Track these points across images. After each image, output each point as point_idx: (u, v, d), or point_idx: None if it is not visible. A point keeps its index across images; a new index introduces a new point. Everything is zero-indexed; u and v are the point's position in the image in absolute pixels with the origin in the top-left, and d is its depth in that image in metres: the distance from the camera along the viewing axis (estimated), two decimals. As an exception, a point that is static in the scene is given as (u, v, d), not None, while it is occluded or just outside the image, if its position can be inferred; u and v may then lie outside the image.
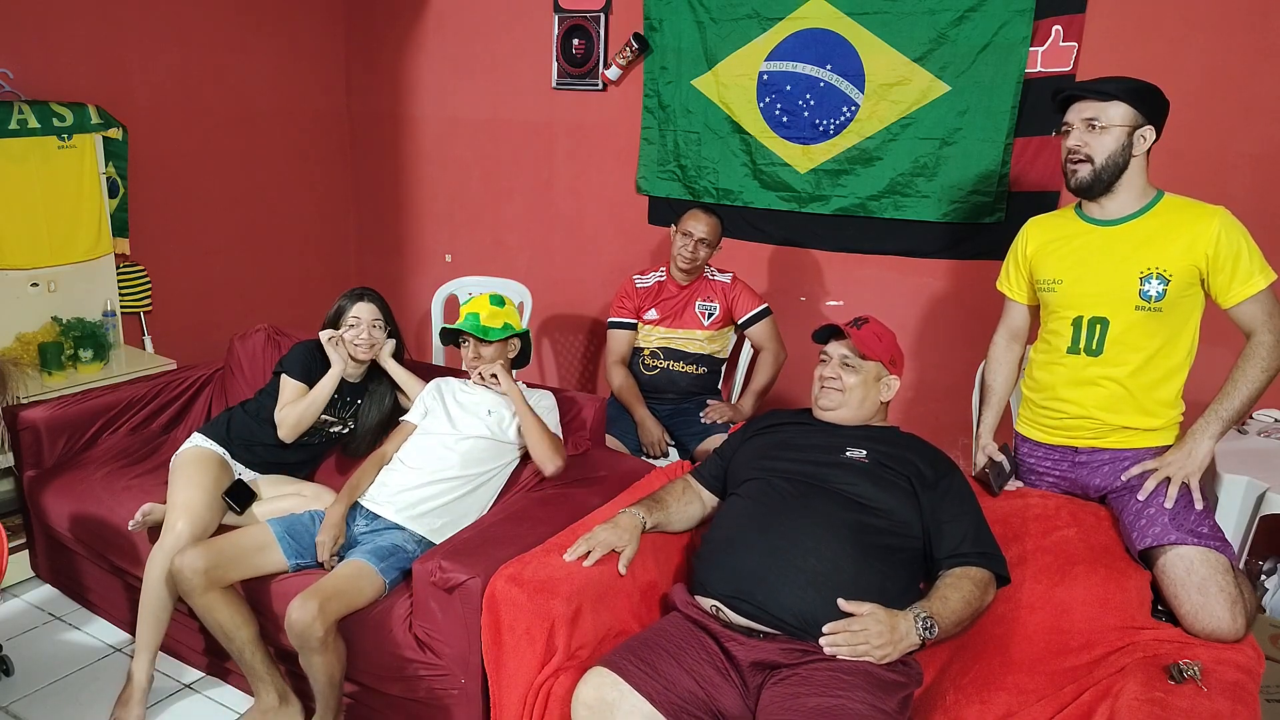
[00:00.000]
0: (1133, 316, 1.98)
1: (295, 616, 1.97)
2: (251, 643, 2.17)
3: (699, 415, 3.06)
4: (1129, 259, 1.97)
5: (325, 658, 2.02)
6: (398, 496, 2.32)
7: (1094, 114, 1.94)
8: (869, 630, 1.67)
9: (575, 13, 3.73)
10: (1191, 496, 1.90)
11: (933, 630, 1.70)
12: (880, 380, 2.05)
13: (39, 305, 3.25)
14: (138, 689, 2.24)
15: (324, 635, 1.98)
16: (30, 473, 2.76)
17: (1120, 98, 1.93)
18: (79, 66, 3.39)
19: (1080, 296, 2.04)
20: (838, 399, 2.04)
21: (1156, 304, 1.95)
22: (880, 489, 1.88)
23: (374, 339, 2.58)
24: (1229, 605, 1.76)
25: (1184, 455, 1.93)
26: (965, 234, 3.15)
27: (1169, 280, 1.93)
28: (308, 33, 4.24)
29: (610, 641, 1.87)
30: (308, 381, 2.55)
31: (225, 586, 2.14)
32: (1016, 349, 2.32)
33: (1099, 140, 1.94)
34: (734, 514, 1.96)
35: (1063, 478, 2.15)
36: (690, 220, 3.03)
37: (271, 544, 2.23)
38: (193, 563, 2.09)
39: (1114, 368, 2.02)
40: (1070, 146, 1.98)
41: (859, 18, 3.15)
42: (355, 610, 2.08)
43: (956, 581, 1.79)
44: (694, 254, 3.02)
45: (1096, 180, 1.97)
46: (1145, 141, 1.95)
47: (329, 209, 4.51)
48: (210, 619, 2.13)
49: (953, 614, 1.74)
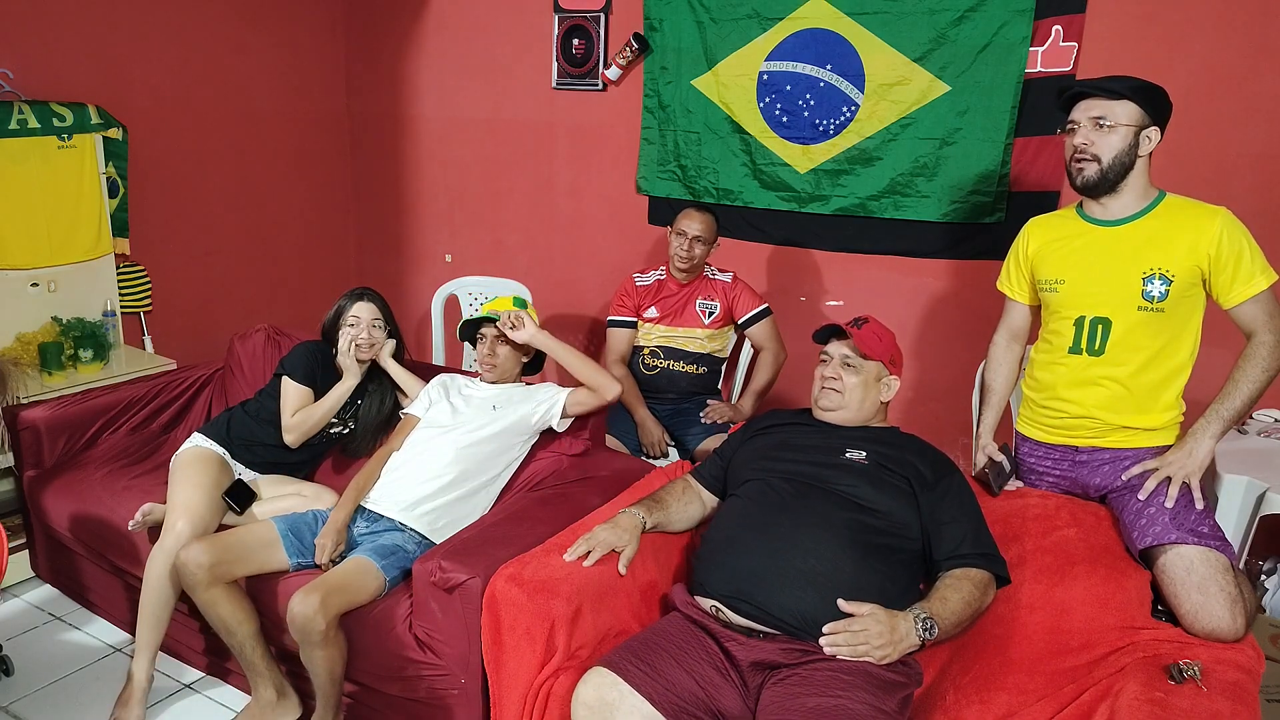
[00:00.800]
0: (1135, 317, 1.97)
1: (297, 610, 1.97)
2: (253, 638, 2.17)
3: (699, 415, 3.06)
4: (1131, 259, 1.97)
5: (326, 652, 2.02)
6: (399, 494, 2.32)
7: (1102, 112, 1.93)
8: (869, 631, 1.67)
9: (575, 13, 3.73)
10: (1192, 496, 1.89)
11: (933, 631, 1.70)
12: (880, 380, 2.05)
13: (39, 305, 3.25)
14: (138, 689, 2.25)
15: (325, 629, 1.98)
16: (30, 473, 2.76)
17: (1129, 97, 1.93)
18: (79, 66, 3.39)
19: (1082, 297, 2.03)
20: (838, 399, 2.04)
21: (1159, 304, 1.95)
22: (880, 490, 1.88)
23: (374, 339, 2.58)
24: (1229, 605, 1.76)
25: (1184, 455, 1.93)
26: (965, 234, 3.15)
27: (1171, 280, 1.93)
28: (308, 33, 4.24)
29: (610, 641, 1.87)
30: (311, 384, 2.55)
31: (229, 582, 2.15)
32: (1017, 349, 2.31)
33: (1106, 139, 1.94)
34: (733, 515, 1.96)
35: (1063, 477, 2.15)
36: (684, 220, 3.04)
37: (275, 541, 2.23)
38: (197, 557, 2.09)
39: (1116, 368, 2.01)
40: (1077, 145, 1.97)
41: (859, 18, 3.15)
42: (356, 606, 2.08)
43: (956, 582, 1.79)
44: (690, 252, 3.02)
45: (1102, 179, 1.96)
46: (1150, 142, 1.95)
47: (329, 209, 4.51)
48: (213, 614, 2.14)
49: (953, 614, 1.74)
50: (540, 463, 2.57)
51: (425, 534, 2.28)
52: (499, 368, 2.53)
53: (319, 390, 2.56)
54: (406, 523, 2.28)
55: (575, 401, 2.46)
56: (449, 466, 2.35)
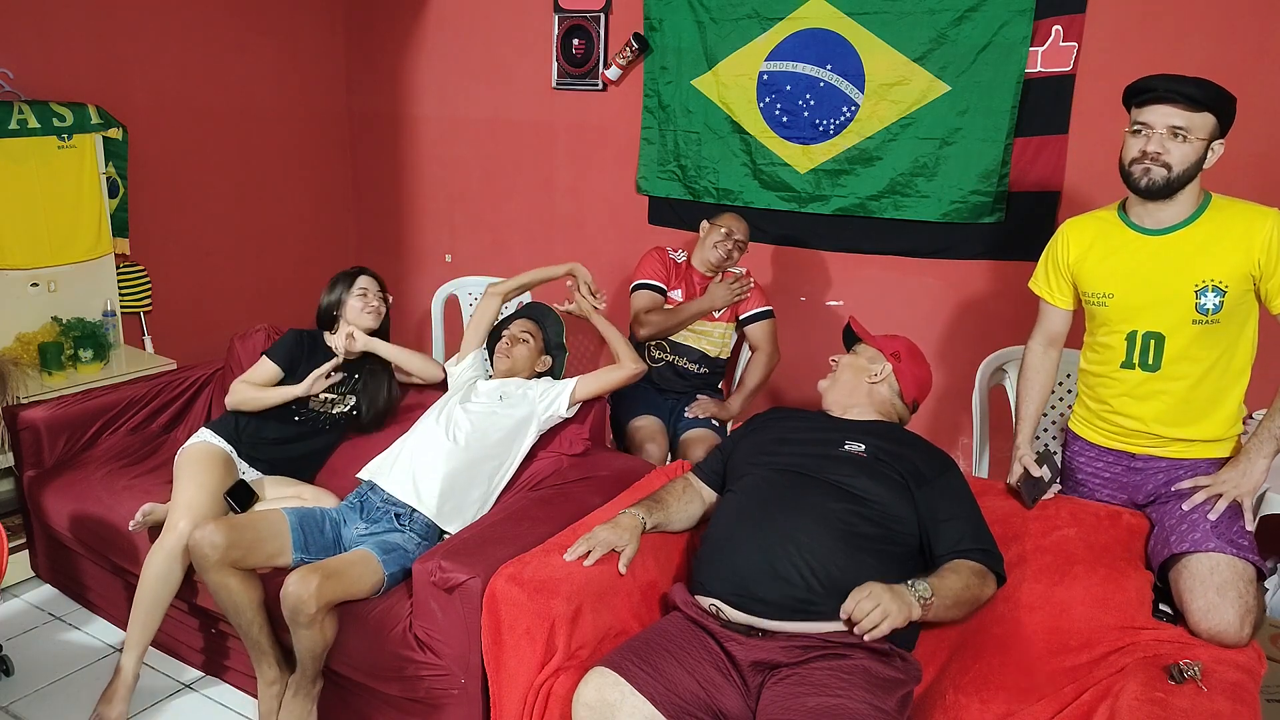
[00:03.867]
0: (1190, 331, 1.91)
1: (292, 589, 1.96)
2: (260, 614, 2.16)
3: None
4: (1182, 271, 1.90)
5: (311, 633, 2.01)
6: (406, 473, 2.34)
7: (1184, 124, 1.84)
8: (882, 602, 1.63)
9: (575, 13, 3.73)
10: (1236, 510, 1.88)
11: (927, 595, 1.68)
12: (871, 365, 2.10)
13: (39, 305, 3.25)
14: (123, 685, 2.23)
15: (315, 613, 1.97)
16: (30, 473, 2.76)
17: (1209, 109, 1.84)
18: (79, 66, 3.39)
19: (1134, 311, 1.97)
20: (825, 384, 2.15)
21: (1214, 316, 1.89)
22: (876, 482, 1.88)
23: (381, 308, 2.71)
24: (1241, 612, 1.75)
25: (1239, 474, 1.90)
26: (965, 234, 3.15)
27: (1225, 291, 1.87)
28: (308, 33, 4.24)
29: (610, 641, 1.87)
30: (286, 369, 2.60)
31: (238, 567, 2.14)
32: (1054, 355, 2.21)
33: (1180, 150, 1.85)
34: (729, 511, 1.97)
35: (1113, 480, 2.11)
36: (731, 219, 3.07)
37: (285, 533, 2.21)
38: (212, 538, 2.06)
39: (1172, 382, 1.96)
40: (1150, 151, 1.86)
41: (859, 18, 3.15)
42: (352, 598, 2.07)
43: (955, 567, 1.80)
44: (730, 253, 3.04)
45: (1166, 186, 1.87)
46: (1214, 155, 1.88)
47: (329, 209, 4.51)
48: (223, 594, 2.11)
49: (950, 592, 1.73)
50: (540, 463, 2.57)
51: (429, 515, 2.28)
52: (512, 363, 2.61)
53: (297, 375, 2.58)
54: (411, 502, 2.29)
55: (589, 388, 2.56)
56: (457, 450, 2.37)
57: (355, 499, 2.37)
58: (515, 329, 2.67)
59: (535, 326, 2.69)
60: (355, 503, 2.36)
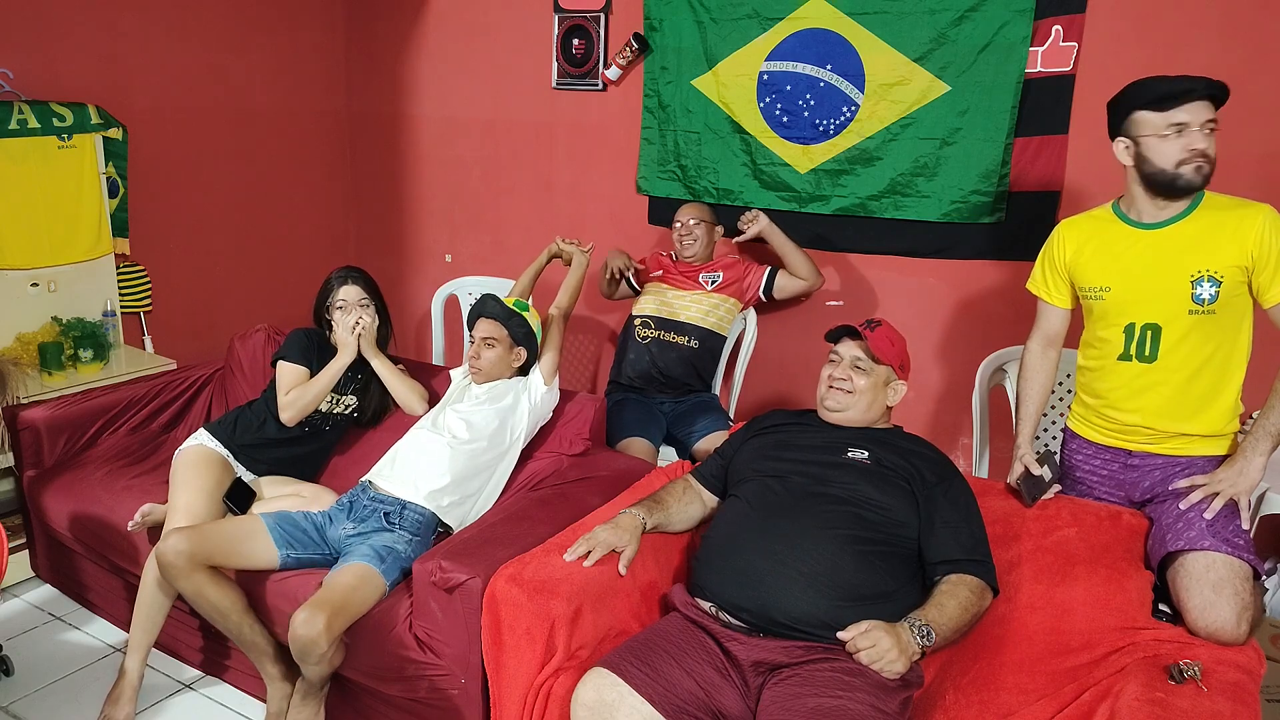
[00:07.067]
0: (1186, 321, 1.94)
1: (301, 632, 1.94)
2: (247, 615, 2.16)
3: (698, 414, 3.05)
4: (1178, 262, 1.93)
5: (321, 667, 2.03)
6: (405, 474, 2.33)
7: (1213, 117, 1.88)
8: (882, 644, 1.65)
9: (575, 13, 3.73)
10: (1234, 510, 1.88)
11: (930, 637, 1.69)
12: (889, 385, 2.05)
13: (39, 305, 3.25)
14: (129, 685, 2.24)
15: (326, 650, 1.98)
16: (30, 473, 2.76)
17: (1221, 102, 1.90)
18: (79, 66, 3.39)
19: (1131, 303, 1.99)
20: (846, 400, 2.03)
21: (1210, 307, 1.91)
22: (880, 490, 1.88)
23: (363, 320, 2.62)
24: (1238, 609, 1.75)
25: (1235, 473, 1.91)
26: (965, 234, 3.14)
27: (1220, 281, 1.90)
28: (307, 33, 4.24)
29: (610, 642, 1.87)
30: (307, 364, 2.58)
31: (210, 567, 2.13)
32: (1053, 355, 2.23)
33: (1211, 144, 1.89)
34: (732, 516, 1.96)
35: (1110, 477, 2.12)
36: (683, 211, 3.26)
37: (260, 531, 2.21)
38: (175, 545, 2.07)
39: (1170, 373, 1.98)
40: (1198, 148, 1.88)
41: (859, 18, 3.15)
42: (359, 618, 2.07)
43: (953, 589, 1.78)
44: (692, 234, 3.20)
45: (1207, 180, 1.92)
46: None
47: (329, 209, 4.51)
48: (201, 601, 2.12)
49: (950, 620, 1.73)
50: (540, 463, 2.57)
51: (430, 507, 2.28)
52: (484, 371, 2.53)
53: (315, 372, 2.58)
54: (410, 496, 2.28)
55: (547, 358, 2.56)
56: (453, 443, 2.37)
57: (346, 499, 2.37)
58: (476, 335, 2.56)
59: (494, 325, 2.55)
60: (345, 503, 2.36)
